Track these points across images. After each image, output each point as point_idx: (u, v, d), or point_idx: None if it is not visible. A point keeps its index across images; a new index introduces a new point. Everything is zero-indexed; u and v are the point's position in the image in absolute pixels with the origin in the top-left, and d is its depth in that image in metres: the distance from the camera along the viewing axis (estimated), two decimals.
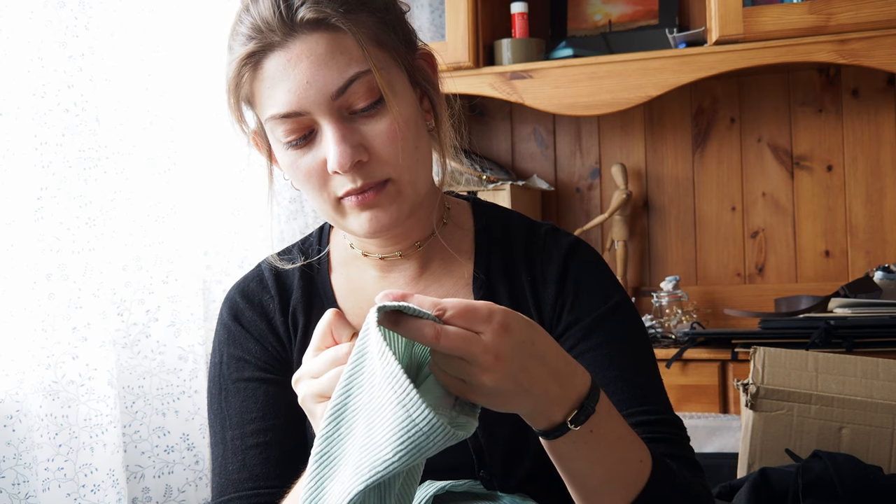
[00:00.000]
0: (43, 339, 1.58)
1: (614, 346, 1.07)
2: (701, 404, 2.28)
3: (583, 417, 0.85)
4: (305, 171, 1.03)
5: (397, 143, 1.00)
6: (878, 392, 1.64)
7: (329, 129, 0.99)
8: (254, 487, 1.06)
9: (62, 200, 1.62)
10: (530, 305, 1.10)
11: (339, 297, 1.14)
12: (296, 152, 1.02)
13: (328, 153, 1.00)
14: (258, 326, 1.13)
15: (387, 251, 1.12)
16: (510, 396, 0.81)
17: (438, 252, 1.13)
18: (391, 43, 1.03)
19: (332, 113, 0.99)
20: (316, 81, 0.98)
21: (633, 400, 1.04)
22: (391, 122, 1.00)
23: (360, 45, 0.99)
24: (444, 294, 1.12)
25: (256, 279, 1.17)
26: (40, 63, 1.60)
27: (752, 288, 2.75)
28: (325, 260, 1.17)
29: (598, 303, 1.09)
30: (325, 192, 1.03)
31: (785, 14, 2.37)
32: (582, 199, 2.92)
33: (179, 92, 1.92)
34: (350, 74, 0.98)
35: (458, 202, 1.19)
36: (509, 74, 2.58)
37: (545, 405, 0.84)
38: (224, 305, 1.16)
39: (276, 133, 1.03)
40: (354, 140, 1.00)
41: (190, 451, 1.86)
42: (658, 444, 1.01)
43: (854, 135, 2.70)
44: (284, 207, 2.22)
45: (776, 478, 1.50)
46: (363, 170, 1.01)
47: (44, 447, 1.56)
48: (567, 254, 1.12)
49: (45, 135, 1.60)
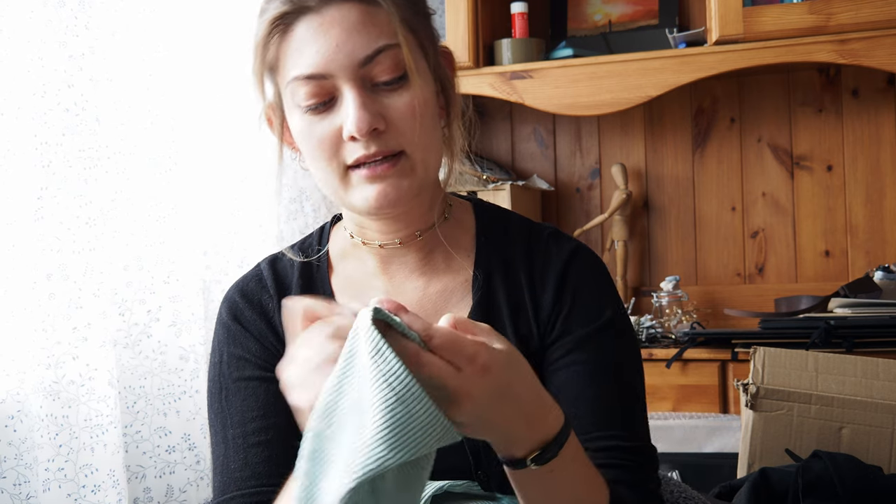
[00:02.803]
0: (43, 339, 1.58)
1: (599, 365, 1.06)
2: (701, 404, 2.28)
3: (543, 459, 0.86)
4: (319, 138, 1.04)
5: (416, 119, 1.02)
6: (878, 392, 1.64)
7: (351, 94, 1.01)
8: (256, 485, 1.06)
9: (62, 200, 1.62)
10: (528, 307, 1.10)
11: (338, 294, 1.14)
12: (313, 117, 1.04)
13: (347, 118, 1.01)
14: (257, 325, 1.13)
15: (387, 238, 1.12)
16: (474, 429, 0.81)
17: (438, 248, 1.13)
18: (420, 29, 1.06)
19: (356, 80, 1.01)
20: (345, 46, 1.00)
21: (605, 423, 1.03)
22: (412, 98, 1.02)
23: (392, 20, 1.02)
24: (442, 290, 1.12)
25: (255, 278, 1.17)
26: (41, 63, 1.60)
27: (752, 288, 2.75)
28: (325, 258, 1.17)
29: (592, 317, 1.08)
30: (335, 160, 1.04)
31: (785, 14, 2.37)
32: (582, 199, 2.92)
33: (180, 92, 1.92)
34: (380, 44, 1.01)
35: (459, 201, 1.19)
36: (509, 74, 2.58)
37: (508, 442, 0.85)
38: (223, 305, 1.16)
39: (296, 96, 1.04)
40: (374, 108, 1.01)
41: (191, 451, 1.86)
42: (619, 471, 1.01)
43: (854, 135, 2.70)
44: (284, 207, 2.22)
45: (776, 478, 1.50)
46: (379, 138, 1.02)
47: (44, 447, 1.56)
48: (568, 259, 1.11)
49: (45, 134, 1.60)
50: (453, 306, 1.11)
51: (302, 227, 2.27)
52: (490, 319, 1.09)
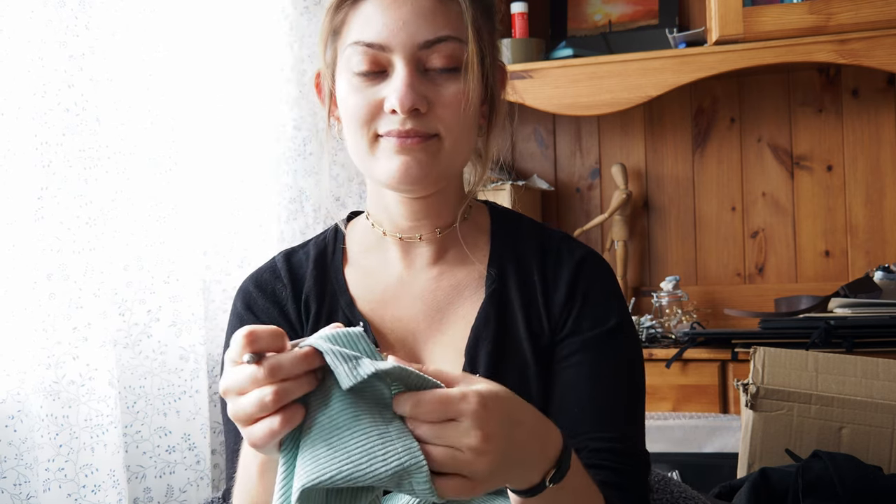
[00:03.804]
0: (43, 339, 1.58)
1: (601, 367, 1.08)
2: (701, 404, 2.28)
3: (561, 475, 0.86)
4: (360, 103, 1.06)
5: (458, 110, 1.06)
6: (878, 392, 1.64)
7: (402, 71, 1.04)
8: None
9: (63, 200, 1.62)
10: (540, 304, 1.12)
11: (351, 287, 1.16)
12: (361, 83, 1.07)
13: (392, 92, 1.04)
14: (270, 313, 1.15)
15: (409, 233, 1.15)
16: (504, 473, 0.81)
17: (455, 245, 1.16)
18: (484, 35, 1.09)
19: (412, 60, 1.04)
20: (410, 26, 1.04)
21: (600, 424, 1.05)
22: (459, 91, 1.06)
23: (464, 17, 1.05)
24: (455, 285, 1.15)
25: (270, 270, 1.19)
26: (41, 63, 1.60)
27: (752, 288, 2.75)
28: (340, 254, 1.19)
29: (600, 321, 1.11)
30: (369, 126, 1.07)
31: (785, 14, 2.37)
32: (582, 199, 2.92)
33: (180, 92, 1.91)
34: (444, 33, 1.05)
35: (477, 204, 1.23)
36: (509, 74, 2.58)
37: (526, 469, 0.84)
38: (237, 296, 1.19)
39: (351, 61, 1.07)
40: (421, 90, 1.05)
41: (191, 451, 1.86)
42: (610, 473, 1.02)
43: (854, 135, 2.70)
44: (284, 207, 2.22)
45: (776, 478, 1.50)
46: (417, 118, 1.05)
47: (44, 447, 1.56)
48: (580, 261, 1.14)
49: (45, 134, 1.60)
50: (465, 300, 1.14)
51: (302, 227, 2.26)
52: (502, 314, 1.12)
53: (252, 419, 0.79)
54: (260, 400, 0.77)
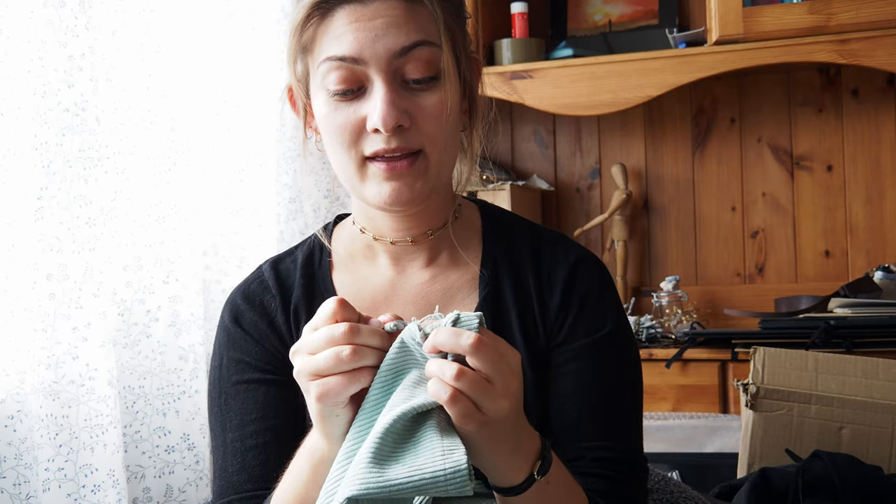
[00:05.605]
0: (43, 339, 1.58)
1: (597, 375, 1.08)
2: (701, 404, 2.28)
3: (546, 467, 0.90)
4: (342, 124, 1.04)
5: (441, 120, 1.04)
6: (878, 392, 1.64)
7: (381, 88, 1.02)
8: (253, 489, 1.07)
9: (62, 200, 1.62)
10: (535, 307, 1.11)
11: (340, 292, 1.15)
12: (339, 103, 1.04)
13: (373, 110, 1.02)
14: (258, 327, 1.13)
15: (399, 236, 1.13)
16: (506, 434, 0.86)
17: (447, 246, 1.15)
18: (456, 34, 1.08)
19: (388, 73, 1.02)
20: (384, 37, 1.01)
21: (597, 433, 1.05)
22: (440, 100, 1.03)
23: (436, 21, 1.03)
24: (448, 287, 1.13)
25: (257, 280, 1.17)
26: (40, 63, 1.59)
27: (752, 288, 2.75)
28: (328, 259, 1.17)
29: (595, 326, 1.10)
30: (354, 149, 1.05)
31: (785, 14, 2.37)
32: (582, 199, 2.92)
33: (180, 92, 1.91)
34: (417, 38, 1.02)
35: (467, 203, 1.21)
36: (509, 74, 2.58)
37: (520, 457, 0.89)
38: (225, 308, 1.17)
39: (326, 80, 1.04)
40: (402, 105, 1.02)
41: (191, 451, 1.86)
42: (603, 481, 1.02)
43: (854, 135, 2.70)
44: (284, 207, 2.22)
45: (776, 478, 1.50)
46: (401, 135, 1.03)
47: (44, 447, 1.56)
48: (575, 264, 1.12)
49: (45, 134, 1.60)
50: (459, 302, 1.12)
51: (302, 227, 2.26)
52: (497, 317, 1.10)
53: (321, 374, 0.85)
54: (336, 355, 0.84)
